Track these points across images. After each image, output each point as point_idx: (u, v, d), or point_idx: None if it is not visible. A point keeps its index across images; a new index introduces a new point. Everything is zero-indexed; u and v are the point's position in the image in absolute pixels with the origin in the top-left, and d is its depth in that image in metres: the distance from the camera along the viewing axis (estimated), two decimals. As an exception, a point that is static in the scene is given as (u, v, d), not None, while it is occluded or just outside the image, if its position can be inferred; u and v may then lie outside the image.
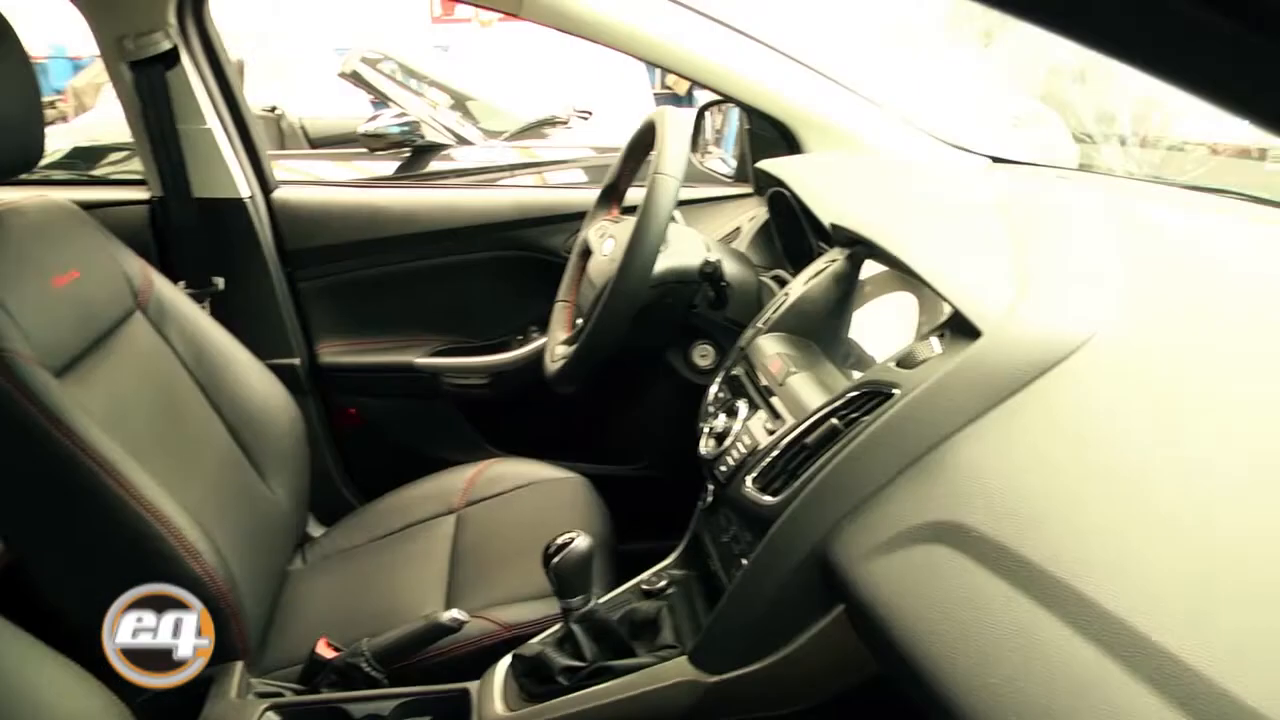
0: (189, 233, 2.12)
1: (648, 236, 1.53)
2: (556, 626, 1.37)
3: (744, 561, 1.21)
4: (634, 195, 1.88)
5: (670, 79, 8.76)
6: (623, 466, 2.26)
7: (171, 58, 2.01)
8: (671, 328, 1.75)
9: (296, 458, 1.86)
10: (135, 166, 3.67)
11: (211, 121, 2.10)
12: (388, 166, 3.40)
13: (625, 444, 2.28)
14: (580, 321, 1.76)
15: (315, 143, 4.44)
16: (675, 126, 1.62)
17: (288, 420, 1.85)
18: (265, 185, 2.22)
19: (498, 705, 1.30)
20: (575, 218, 2.12)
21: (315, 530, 2.01)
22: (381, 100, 3.74)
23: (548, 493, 1.89)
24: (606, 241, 1.75)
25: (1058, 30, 0.49)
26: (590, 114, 4.39)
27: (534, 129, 3.90)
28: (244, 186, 2.15)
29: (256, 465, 1.76)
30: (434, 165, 3.37)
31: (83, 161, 3.63)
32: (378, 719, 1.33)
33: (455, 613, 1.44)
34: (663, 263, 1.60)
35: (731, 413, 1.34)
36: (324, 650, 1.48)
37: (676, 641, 1.30)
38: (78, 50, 8.10)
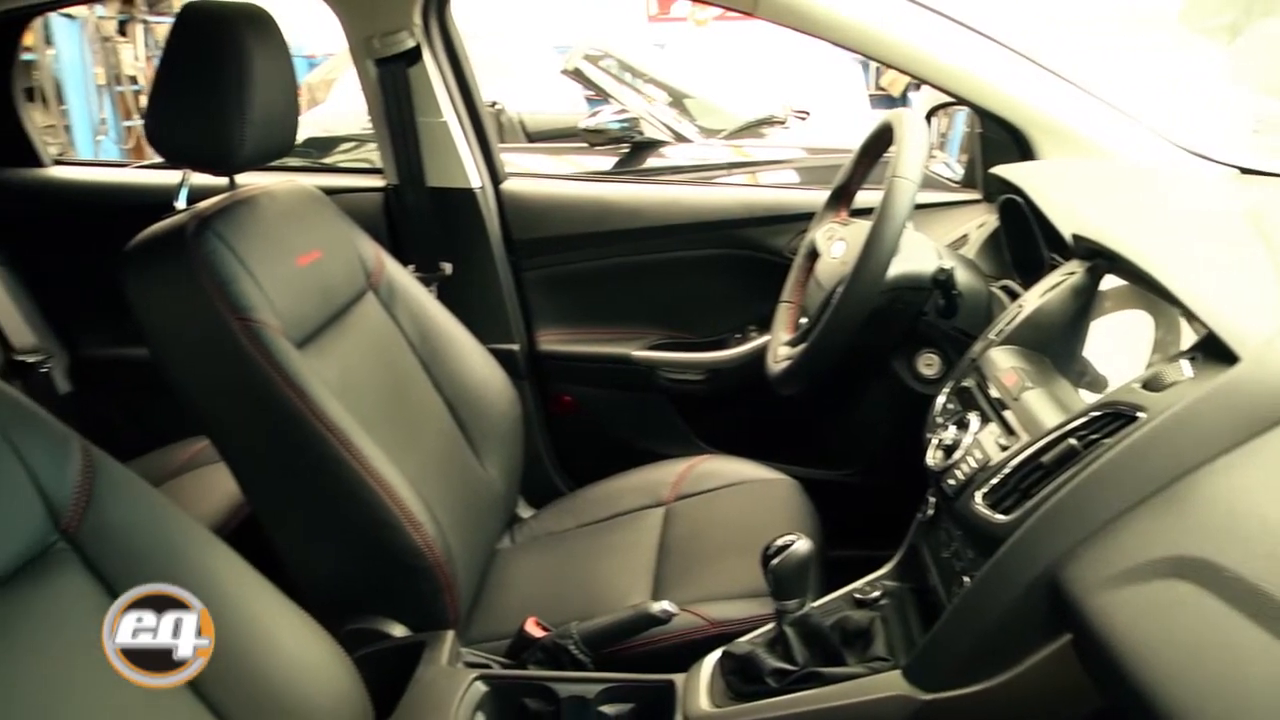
0: (421, 219, 2.23)
1: (884, 241, 1.51)
2: (767, 627, 1.36)
3: (966, 579, 1.18)
4: (863, 198, 1.85)
5: (885, 80, 8.65)
6: (832, 471, 2.23)
7: (414, 55, 2.12)
8: (897, 334, 1.72)
9: (511, 440, 1.92)
10: (361, 155, 3.90)
11: (448, 115, 2.20)
12: (603, 161, 3.46)
13: (836, 448, 2.25)
14: (804, 322, 1.75)
15: (533, 137, 4.56)
16: (914, 129, 1.59)
17: (505, 403, 1.91)
18: (495, 176, 2.31)
19: (703, 700, 1.30)
20: (799, 218, 2.12)
21: (524, 511, 2.07)
22: (602, 97, 3.80)
23: (758, 493, 1.88)
24: (836, 244, 1.73)
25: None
26: (808, 114, 4.35)
27: (752, 128, 3.89)
28: (475, 177, 2.24)
29: (473, 444, 1.83)
30: (650, 162, 3.41)
31: (315, 150, 3.88)
32: (582, 701, 1.35)
33: (666, 604, 1.45)
34: (895, 268, 1.57)
35: (962, 425, 1.30)
36: (533, 628, 1.52)
37: (889, 655, 1.27)
38: (312, 50, 8.60)
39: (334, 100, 5.74)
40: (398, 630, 1.52)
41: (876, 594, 1.44)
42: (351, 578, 1.55)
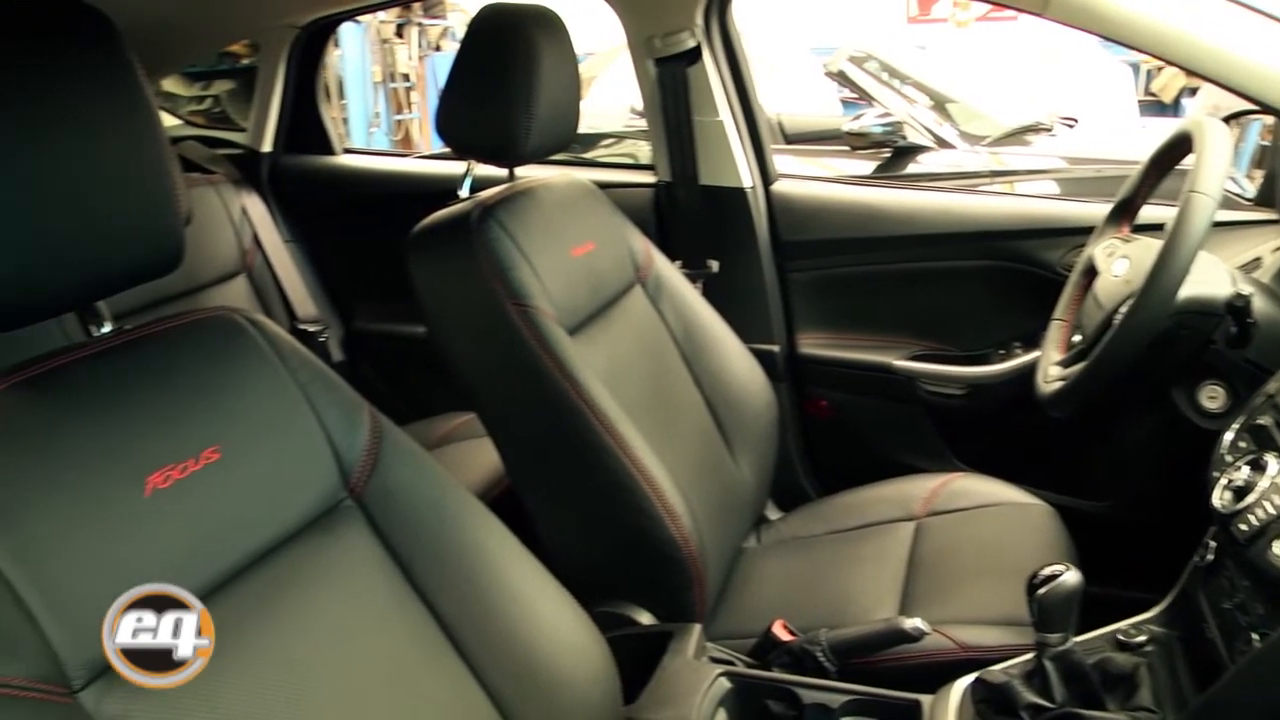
0: (691, 217, 2.26)
1: (1177, 261, 1.40)
2: (1024, 658, 1.30)
3: (1255, 636, 1.09)
4: (1146, 213, 1.75)
5: (1156, 84, 8.15)
6: (1089, 501, 2.11)
7: (694, 54, 2.15)
8: (1179, 361, 1.61)
9: (766, 440, 1.93)
10: (621, 150, 3.99)
11: (724, 114, 2.22)
12: (857, 165, 3.42)
13: (1096, 477, 2.13)
14: (1076, 340, 1.67)
15: (791, 138, 4.56)
16: (1218, 141, 1.46)
17: (762, 403, 1.93)
18: (766, 177, 2.31)
19: (951, 725, 1.26)
20: (1073, 232, 2.03)
21: (772, 513, 2.07)
22: (864, 99, 3.76)
23: (1014, 517, 1.81)
24: (1118, 261, 1.64)
25: None
26: (1075, 121, 4.17)
27: (1018, 135, 3.76)
28: (747, 177, 2.25)
29: (728, 441, 1.85)
30: (908, 167, 3.35)
31: (578, 145, 4.01)
32: (825, 709, 1.34)
33: (918, 622, 1.43)
34: (1184, 290, 1.46)
35: (1258, 466, 1.20)
36: (780, 631, 1.52)
37: (1156, 707, 1.20)
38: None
39: (593, 98, 5.92)
40: (644, 617, 1.57)
41: (1142, 638, 1.34)
42: (606, 561, 1.60)
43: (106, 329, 1.01)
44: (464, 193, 1.68)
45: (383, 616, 1.08)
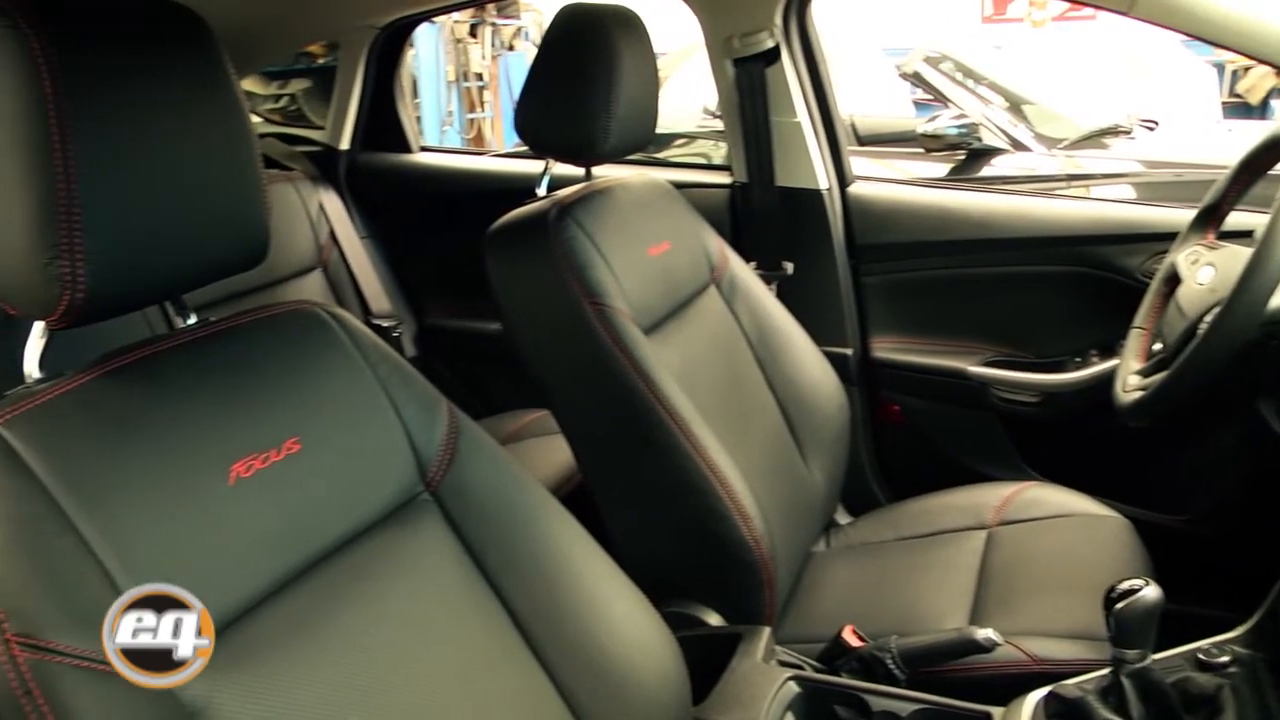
0: (767, 218, 2.25)
1: (1267, 269, 1.35)
2: (1100, 673, 1.28)
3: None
4: (1233, 220, 1.71)
5: (1243, 85, 7.90)
6: (1165, 514, 2.07)
7: (773, 55, 2.15)
8: (1267, 373, 1.57)
9: (837, 444, 1.92)
10: (694, 150, 4.00)
11: (801, 116, 2.21)
12: (930, 168, 3.39)
13: (1173, 490, 2.09)
14: (1157, 349, 1.63)
15: (864, 140, 4.52)
16: None
17: (835, 407, 1.92)
18: (843, 179, 2.30)
19: (1023, 739, 1.25)
20: (1155, 238, 1.99)
21: (841, 518, 2.06)
22: (939, 101, 3.72)
23: (1087, 529, 1.78)
24: (1203, 269, 1.59)
25: None
26: (1156, 124, 4.08)
27: (1096, 137, 3.69)
28: (823, 179, 2.24)
29: (799, 444, 1.85)
30: (982, 170, 3.32)
31: (651, 145, 4.02)
32: (894, 717, 1.33)
33: (990, 633, 1.41)
34: (1275, 300, 1.42)
35: (1352, 485, 1.18)
36: (849, 637, 1.51)
37: None
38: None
39: (666, 98, 5.95)
40: (713, 618, 1.57)
41: (1225, 659, 1.30)
42: (677, 560, 1.60)
43: (191, 320, 1.04)
44: (542, 191, 1.69)
45: (456, 611, 1.09)
